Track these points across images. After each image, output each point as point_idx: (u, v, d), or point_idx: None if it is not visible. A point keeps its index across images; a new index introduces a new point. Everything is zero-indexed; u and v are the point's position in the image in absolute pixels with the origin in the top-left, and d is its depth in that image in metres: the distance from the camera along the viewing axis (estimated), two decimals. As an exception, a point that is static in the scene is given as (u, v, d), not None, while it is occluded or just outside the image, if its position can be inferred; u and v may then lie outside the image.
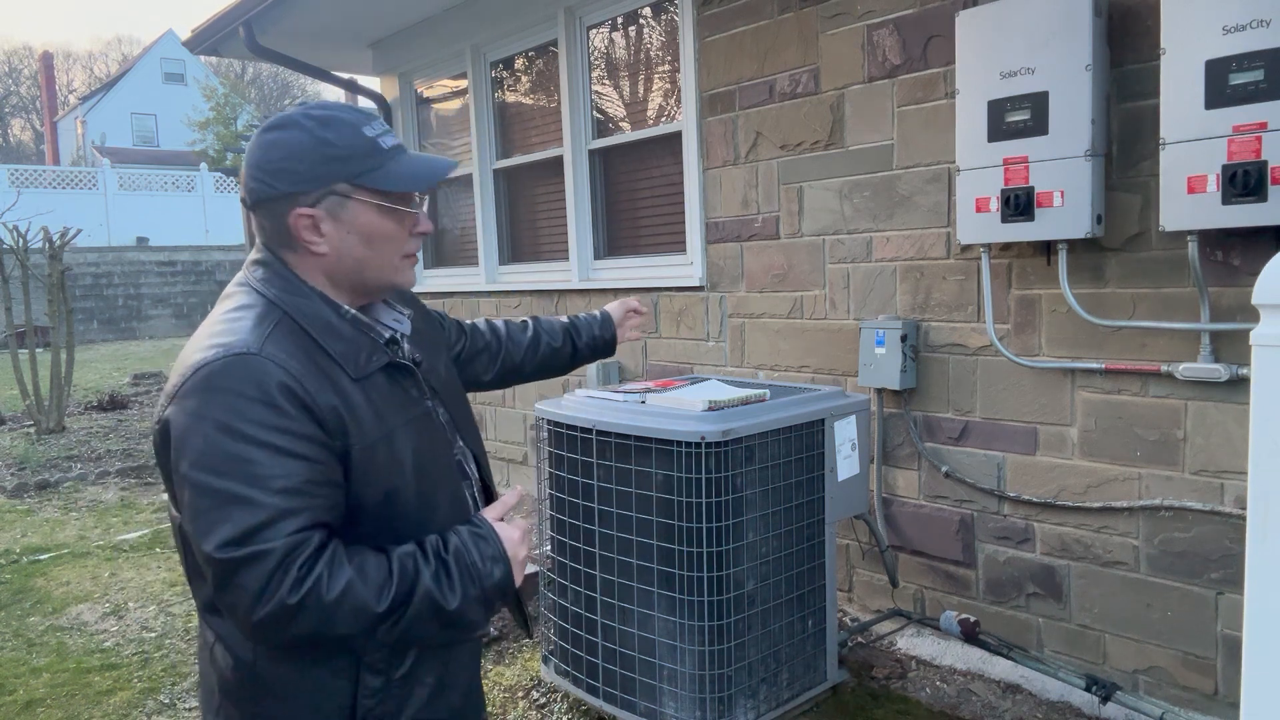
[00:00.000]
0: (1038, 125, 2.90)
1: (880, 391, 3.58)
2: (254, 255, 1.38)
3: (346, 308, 1.37)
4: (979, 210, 3.08)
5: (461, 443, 1.53)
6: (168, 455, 1.23)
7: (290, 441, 1.20)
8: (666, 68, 4.55)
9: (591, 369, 4.84)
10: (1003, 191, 3.00)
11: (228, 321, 1.28)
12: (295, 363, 1.24)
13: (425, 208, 1.43)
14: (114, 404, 10.15)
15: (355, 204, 1.33)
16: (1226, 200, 2.50)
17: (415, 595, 1.25)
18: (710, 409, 2.74)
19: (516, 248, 5.69)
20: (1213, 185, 2.53)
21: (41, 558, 5.21)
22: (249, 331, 1.25)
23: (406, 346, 1.48)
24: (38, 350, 9.20)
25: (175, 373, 1.26)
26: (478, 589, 1.30)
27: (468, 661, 1.51)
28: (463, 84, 5.84)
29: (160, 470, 1.29)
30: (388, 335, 1.41)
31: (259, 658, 1.32)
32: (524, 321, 2.04)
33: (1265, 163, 2.43)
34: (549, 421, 3.07)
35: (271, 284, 1.33)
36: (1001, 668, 3.28)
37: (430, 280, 6.39)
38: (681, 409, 2.77)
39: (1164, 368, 2.83)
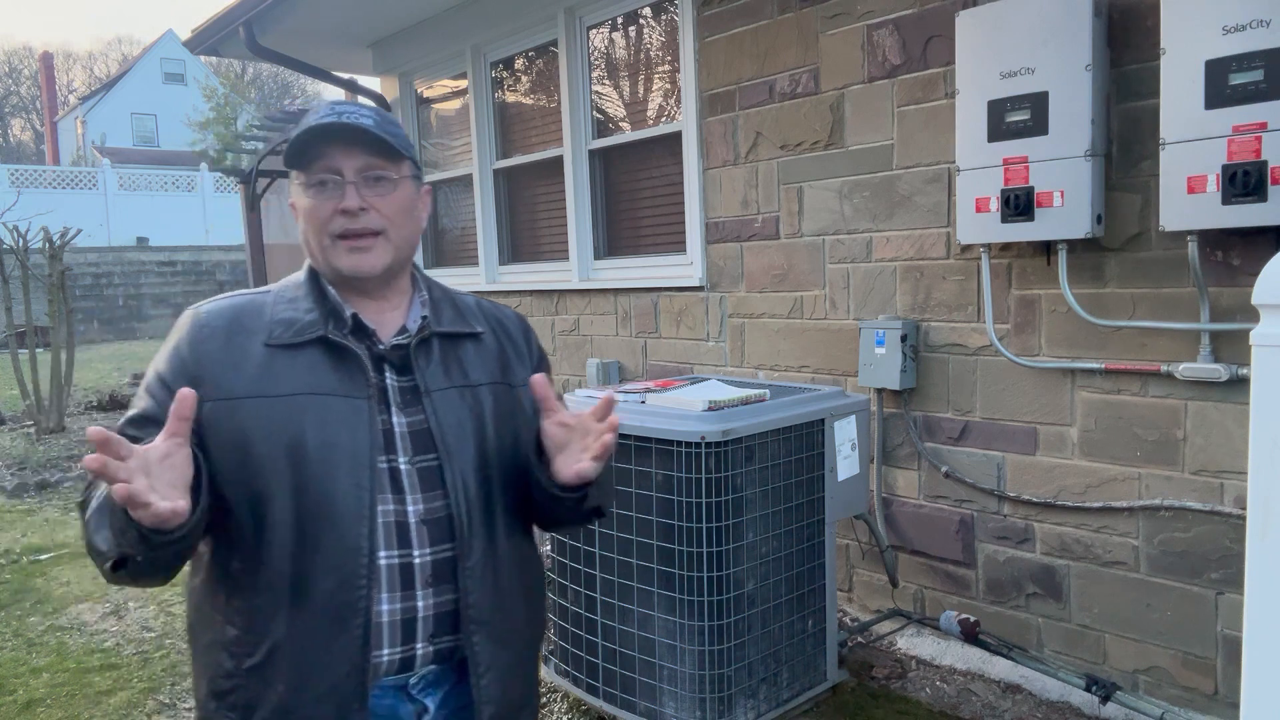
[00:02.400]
0: (1038, 125, 2.90)
1: (880, 391, 3.58)
2: None
3: (329, 286, 1.40)
4: (979, 210, 3.08)
5: (405, 461, 1.36)
6: None
7: (156, 381, 1.34)
8: (666, 68, 4.55)
9: (591, 368, 4.84)
10: (1003, 191, 3.00)
11: None
12: (214, 319, 1.36)
13: (352, 184, 1.33)
14: (114, 404, 10.15)
15: (292, 185, 1.39)
16: (1226, 200, 2.50)
17: (89, 522, 1.24)
18: (710, 409, 2.74)
19: (516, 248, 5.69)
20: (1213, 185, 2.53)
21: (42, 557, 5.21)
22: (224, 295, 1.43)
23: (390, 340, 1.39)
24: (38, 350, 9.20)
25: None
26: (108, 511, 1.19)
27: (341, 682, 1.30)
28: (463, 84, 5.84)
29: None
30: (349, 314, 1.37)
31: (189, 605, 1.42)
32: None
33: (1265, 163, 2.43)
34: (549, 421, 3.06)
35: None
36: (1001, 668, 3.28)
37: (430, 280, 6.38)
38: (681, 409, 2.77)
39: (1164, 368, 2.83)
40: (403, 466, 1.35)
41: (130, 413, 1.34)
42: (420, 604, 1.34)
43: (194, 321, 1.36)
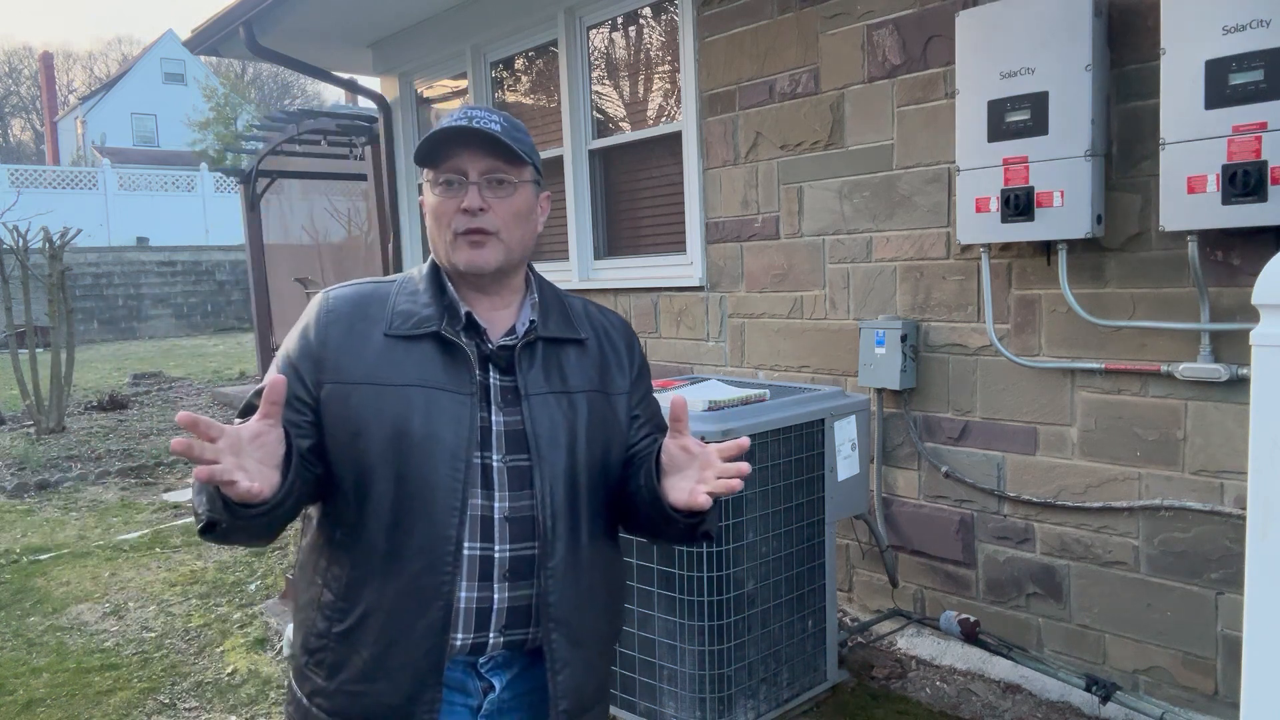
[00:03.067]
0: (1038, 125, 2.90)
1: (880, 391, 3.58)
2: None
3: (448, 281, 1.47)
4: (979, 210, 3.08)
5: (499, 459, 1.41)
6: None
7: (284, 356, 1.44)
8: (666, 68, 4.55)
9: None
10: (1003, 191, 3.00)
11: None
12: (341, 305, 1.45)
13: (475, 184, 1.41)
14: (114, 404, 10.15)
15: (423, 183, 1.48)
16: (1226, 200, 2.50)
17: (195, 484, 1.29)
18: (710, 409, 2.74)
19: (516, 248, 5.69)
20: (1213, 185, 2.53)
21: (42, 558, 5.21)
22: (353, 282, 1.52)
23: (498, 340, 1.45)
24: (38, 350, 9.20)
25: None
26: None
27: (419, 659, 1.37)
28: (463, 84, 5.84)
29: None
30: (464, 312, 1.44)
31: (296, 562, 1.51)
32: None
33: (1265, 163, 2.43)
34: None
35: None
36: (1001, 668, 3.28)
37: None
38: (681, 409, 2.76)
39: (1164, 368, 2.83)
40: (495, 464, 1.42)
41: (259, 386, 1.41)
42: (496, 596, 1.39)
43: (322, 306, 1.46)
